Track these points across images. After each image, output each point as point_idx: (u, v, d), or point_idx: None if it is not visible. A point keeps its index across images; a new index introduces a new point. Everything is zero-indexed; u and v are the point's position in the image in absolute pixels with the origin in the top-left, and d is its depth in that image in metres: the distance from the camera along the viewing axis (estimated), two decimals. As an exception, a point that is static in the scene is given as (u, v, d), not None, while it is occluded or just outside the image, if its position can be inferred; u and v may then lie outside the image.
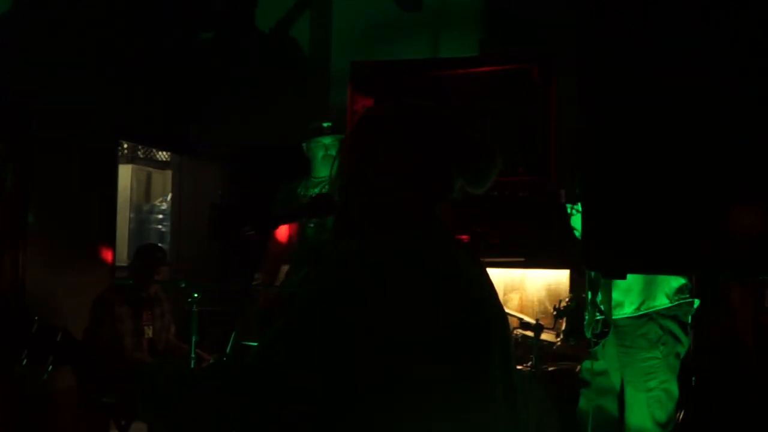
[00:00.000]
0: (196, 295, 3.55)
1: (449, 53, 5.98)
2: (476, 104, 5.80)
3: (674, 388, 3.53)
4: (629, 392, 3.52)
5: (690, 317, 3.60)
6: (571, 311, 4.01)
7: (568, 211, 3.62)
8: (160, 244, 7.98)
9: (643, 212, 1.00)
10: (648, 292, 3.49)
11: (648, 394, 3.49)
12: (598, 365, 3.68)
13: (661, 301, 3.50)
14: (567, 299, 4.27)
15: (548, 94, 5.69)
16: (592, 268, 3.04)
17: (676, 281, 3.50)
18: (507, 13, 5.83)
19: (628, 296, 3.52)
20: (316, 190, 4.56)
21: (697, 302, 3.58)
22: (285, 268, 4.88)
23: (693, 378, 4.24)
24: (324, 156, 4.56)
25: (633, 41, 1.01)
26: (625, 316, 3.52)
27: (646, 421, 3.49)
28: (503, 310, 1.51)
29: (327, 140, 4.55)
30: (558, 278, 5.47)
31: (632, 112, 1.00)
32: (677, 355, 3.54)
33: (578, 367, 3.99)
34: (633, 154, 1.00)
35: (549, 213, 5.12)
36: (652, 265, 1.07)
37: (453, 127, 1.51)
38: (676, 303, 3.51)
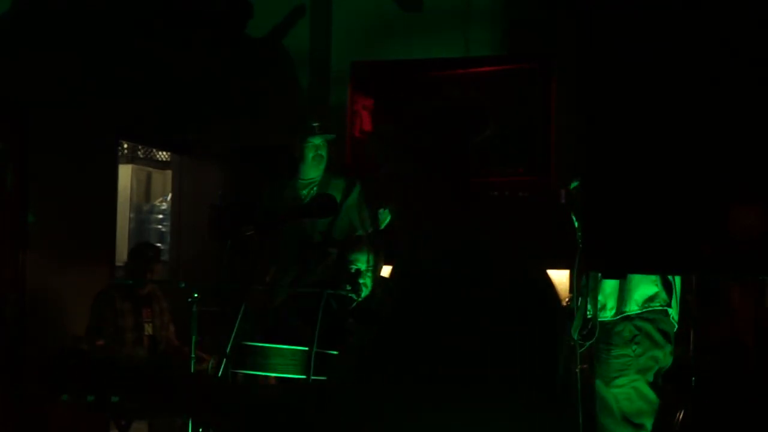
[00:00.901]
0: (196, 295, 3.54)
1: (449, 53, 5.98)
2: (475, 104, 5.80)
3: (645, 389, 3.56)
4: (599, 386, 3.59)
5: (674, 327, 3.65)
6: (571, 311, 4.02)
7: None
8: (159, 244, 7.99)
9: (643, 212, 1.00)
10: (622, 297, 3.56)
11: (617, 390, 3.56)
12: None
13: (630, 307, 3.57)
14: (567, 299, 4.28)
15: (548, 94, 5.69)
16: (593, 268, 3.06)
17: (649, 289, 3.57)
18: (507, 13, 5.83)
19: (609, 300, 3.60)
20: (305, 192, 4.52)
21: (672, 312, 3.62)
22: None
23: (693, 378, 4.24)
24: (314, 156, 4.52)
25: (633, 41, 1.01)
26: (607, 319, 3.59)
27: (614, 415, 3.54)
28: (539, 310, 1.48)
29: (317, 140, 4.51)
30: (558, 278, 5.47)
31: (632, 112, 1.00)
32: (653, 358, 3.57)
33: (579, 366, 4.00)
34: (633, 154, 1.00)
35: (549, 213, 5.13)
36: (652, 265, 1.08)
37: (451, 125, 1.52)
38: (646, 310, 3.56)
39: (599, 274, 3.44)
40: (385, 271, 4.06)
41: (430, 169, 1.53)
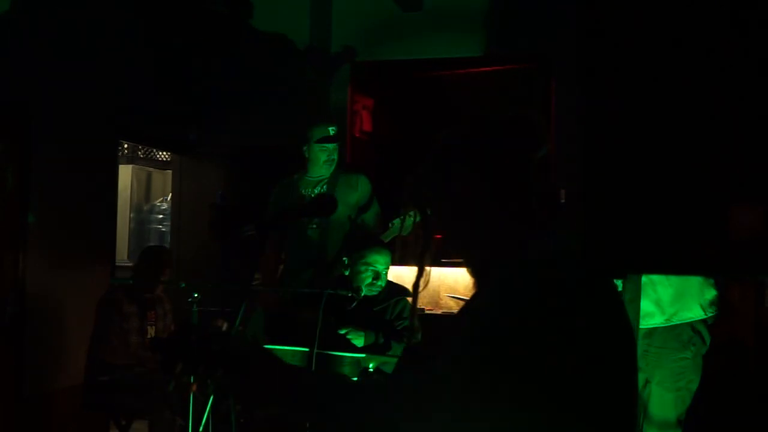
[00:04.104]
0: (196, 295, 3.55)
1: (449, 53, 5.98)
2: (476, 104, 5.80)
3: (695, 388, 3.59)
4: (657, 392, 3.54)
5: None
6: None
7: None
8: (160, 245, 7.99)
9: (644, 212, 1.00)
10: (681, 304, 3.52)
11: (677, 393, 3.53)
12: None
13: (697, 313, 3.54)
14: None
15: (548, 94, 5.69)
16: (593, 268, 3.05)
17: (710, 293, 3.55)
18: (507, 13, 5.83)
19: (658, 307, 3.54)
20: (317, 189, 4.55)
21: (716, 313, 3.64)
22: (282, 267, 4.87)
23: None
24: (326, 160, 4.56)
25: (634, 41, 1.01)
26: (655, 325, 3.53)
27: (671, 419, 3.53)
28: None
29: (331, 145, 4.55)
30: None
31: (632, 112, 1.00)
32: (702, 356, 3.60)
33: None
34: (633, 154, 1.00)
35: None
36: (652, 265, 1.08)
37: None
38: (710, 315, 3.56)
39: (640, 281, 3.42)
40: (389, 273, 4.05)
41: (494, 181, 1.49)
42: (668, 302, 3.51)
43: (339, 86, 6.17)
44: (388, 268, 3.90)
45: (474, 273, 1.52)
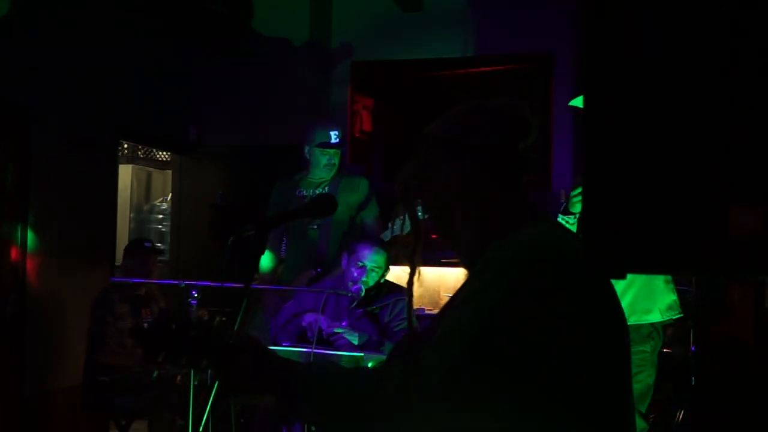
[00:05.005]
0: (196, 294, 3.55)
1: (449, 53, 5.98)
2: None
3: (652, 382, 3.67)
4: None
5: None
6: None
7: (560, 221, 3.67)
8: (159, 244, 7.99)
9: (644, 212, 1.00)
10: (641, 305, 3.59)
11: (636, 386, 3.59)
12: None
13: (654, 316, 3.64)
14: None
15: (548, 94, 5.70)
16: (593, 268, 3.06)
17: (669, 298, 3.65)
18: (507, 13, 5.83)
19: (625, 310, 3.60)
20: (319, 190, 4.55)
21: (679, 315, 3.74)
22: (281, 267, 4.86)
23: (693, 378, 4.25)
24: (326, 164, 4.56)
25: (634, 40, 1.01)
26: None
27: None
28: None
29: (332, 150, 4.55)
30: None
31: (633, 111, 1.01)
32: (658, 351, 3.70)
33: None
34: (633, 153, 1.00)
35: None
36: (652, 265, 1.08)
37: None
38: (667, 319, 3.67)
39: None
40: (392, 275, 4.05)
41: (483, 167, 1.48)
42: (627, 302, 3.57)
43: (339, 86, 6.17)
44: (380, 267, 3.88)
45: (466, 263, 1.52)
